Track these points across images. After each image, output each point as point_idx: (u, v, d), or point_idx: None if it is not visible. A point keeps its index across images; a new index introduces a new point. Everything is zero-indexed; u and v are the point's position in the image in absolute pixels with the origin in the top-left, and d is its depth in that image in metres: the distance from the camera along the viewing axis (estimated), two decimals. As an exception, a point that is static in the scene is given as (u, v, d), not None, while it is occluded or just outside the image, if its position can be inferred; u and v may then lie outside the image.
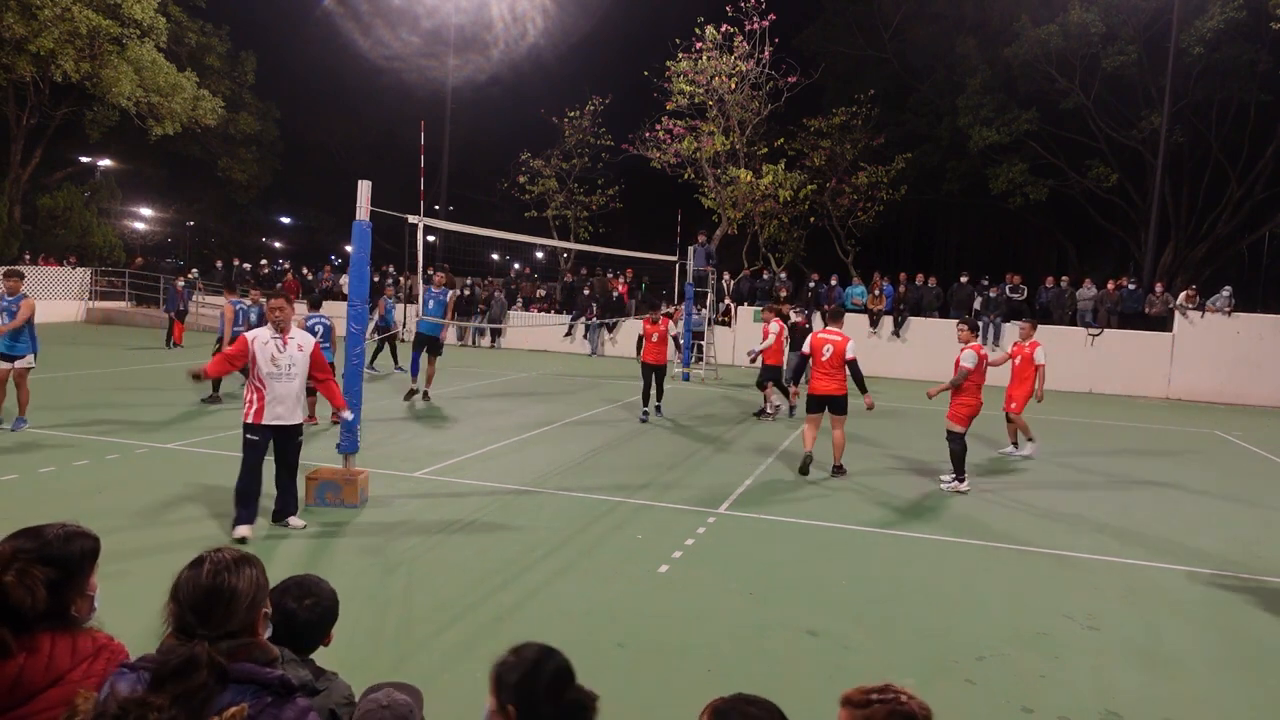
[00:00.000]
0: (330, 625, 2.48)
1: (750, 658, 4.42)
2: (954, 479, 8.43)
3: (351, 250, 7.10)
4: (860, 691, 1.81)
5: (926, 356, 19.64)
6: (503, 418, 11.42)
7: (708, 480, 8.36)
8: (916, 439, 11.35)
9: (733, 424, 11.99)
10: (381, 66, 34.13)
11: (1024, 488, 8.82)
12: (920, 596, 5.42)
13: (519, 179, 26.97)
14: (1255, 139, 25.38)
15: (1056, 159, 27.02)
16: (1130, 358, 18.33)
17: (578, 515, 6.88)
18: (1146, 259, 22.01)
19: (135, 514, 6.36)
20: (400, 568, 5.49)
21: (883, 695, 1.77)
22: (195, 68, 27.64)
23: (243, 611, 1.89)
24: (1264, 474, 10.30)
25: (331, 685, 2.27)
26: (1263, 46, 22.94)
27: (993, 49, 26.44)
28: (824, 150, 25.12)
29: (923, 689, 4.09)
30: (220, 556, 1.93)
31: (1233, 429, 13.82)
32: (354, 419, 6.76)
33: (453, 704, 3.75)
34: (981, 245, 37.31)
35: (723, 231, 23.64)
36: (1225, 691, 4.31)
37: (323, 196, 41.05)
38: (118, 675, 1.80)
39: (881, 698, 1.77)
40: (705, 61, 21.42)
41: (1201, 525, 7.61)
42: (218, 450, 8.62)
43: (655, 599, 5.16)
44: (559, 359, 20.49)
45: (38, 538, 2.05)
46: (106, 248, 29.21)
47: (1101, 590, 5.71)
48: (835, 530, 6.84)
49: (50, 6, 22.11)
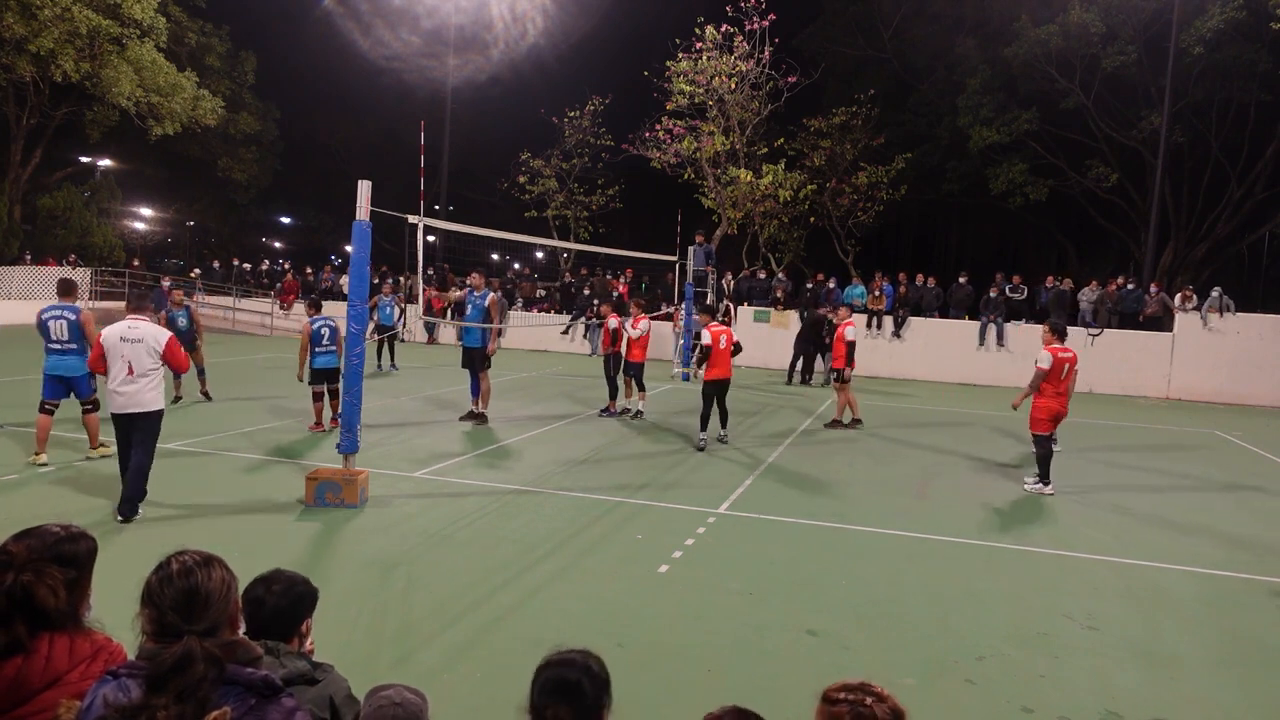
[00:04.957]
0: (302, 612, 2.41)
1: (750, 658, 4.42)
2: (1038, 481, 8.40)
3: (351, 250, 7.10)
4: (836, 688, 1.79)
5: (927, 356, 19.68)
6: (503, 418, 11.41)
7: (708, 480, 8.36)
8: (916, 438, 11.36)
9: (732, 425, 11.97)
10: (381, 66, 34.14)
11: (1024, 487, 8.80)
12: (920, 596, 5.42)
13: (519, 179, 26.97)
14: (1255, 139, 25.38)
15: (1056, 159, 27.03)
16: (1130, 358, 18.32)
17: (578, 515, 6.88)
18: (1146, 259, 22.01)
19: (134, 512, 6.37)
20: (400, 568, 5.49)
21: (851, 695, 1.75)
22: (195, 68, 27.65)
23: (218, 606, 1.90)
24: (1264, 474, 10.29)
25: (329, 676, 2.26)
26: (1263, 46, 22.93)
27: (993, 49, 26.45)
28: (824, 150, 25.13)
29: (923, 689, 4.11)
30: (185, 557, 1.95)
31: (1233, 429, 13.82)
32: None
33: (453, 704, 3.75)
34: (981, 245, 37.32)
35: (722, 231, 23.64)
36: (1225, 691, 4.31)
37: (323, 196, 41.09)
38: (101, 683, 1.79)
39: (849, 697, 1.75)
40: (705, 61, 21.41)
41: (1201, 525, 7.60)
42: (216, 451, 8.62)
43: (655, 599, 5.16)
44: (559, 359, 20.50)
45: (44, 538, 2.06)
46: (106, 248, 29.23)
47: (1101, 590, 5.70)
48: (835, 530, 6.84)
49: (50, 6, 22.10)
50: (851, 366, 11.79)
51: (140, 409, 6.26)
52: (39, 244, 27.86)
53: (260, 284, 26.53)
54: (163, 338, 6.36)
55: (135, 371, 6.22)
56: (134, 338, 6.26)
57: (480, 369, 11.06)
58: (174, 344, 6.44)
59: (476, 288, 11.26)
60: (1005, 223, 33.45)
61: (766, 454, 9.84)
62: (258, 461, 8.30)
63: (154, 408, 6.34)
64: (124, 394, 6.21)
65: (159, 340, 6.32)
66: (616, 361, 12.09)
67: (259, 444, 9.08)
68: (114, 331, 6.28)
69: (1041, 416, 8.31)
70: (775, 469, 9.09)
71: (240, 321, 25.26)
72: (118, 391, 6.21)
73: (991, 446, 11.13)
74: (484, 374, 11.08)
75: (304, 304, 10.78)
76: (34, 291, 24.70)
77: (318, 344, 10.02)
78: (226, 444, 8.99)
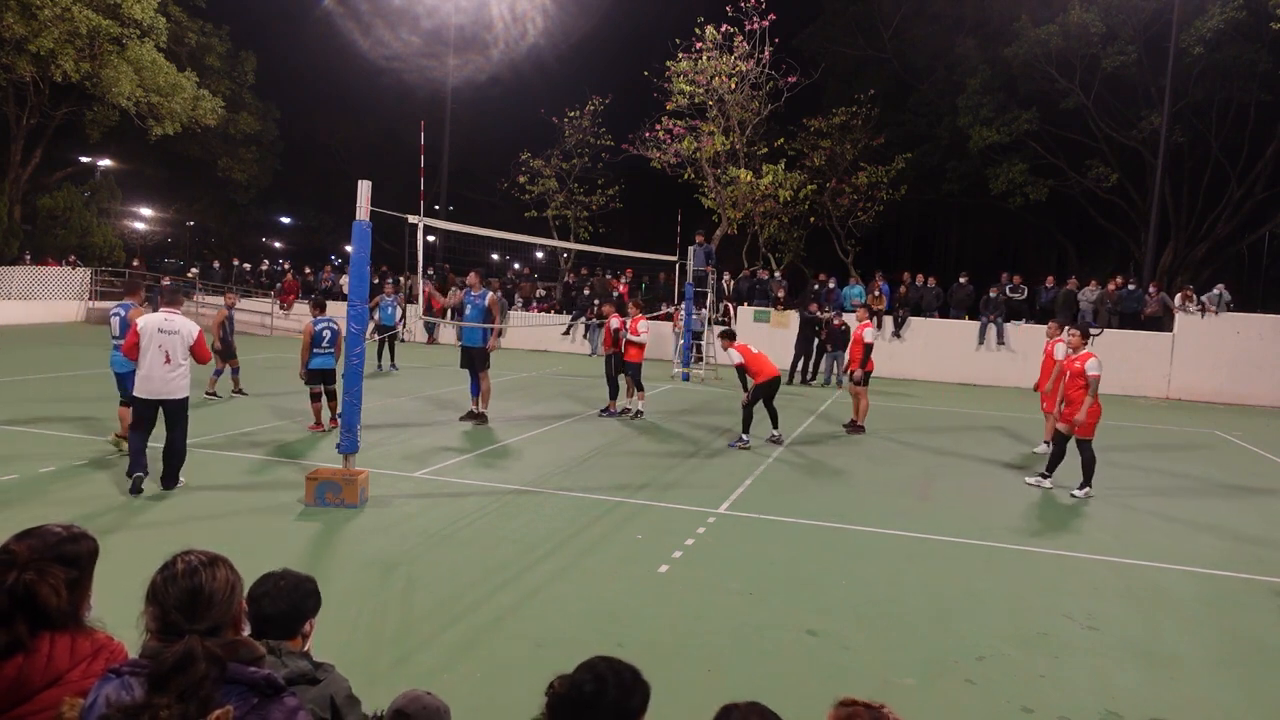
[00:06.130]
0: (306, 611, 2.43)
1: (750, 658, 4.42)
2: (1084, 487, 8.36)
3: (351, 250, 7.11)
4: (850, 700, 1.79)
5: (927, 356, 19.69)
6: (503, 418, 11.42)
7: (708, 480, 8.36)
8: (916, 439, 11.36)
9: (733, 424, 11.98)
10: (381, 66, 34.15)
11: (1024, 487, 8.81)
12: (920, 596, 5.42)
13: (519, 179, 26.97)
14: (1255, 139, 25.39)
15: (1056, 159, 27.03)
16: (1130, 358, 18.32)
17: (578, 515, 6.88)
18: (1146, 259, 22.02)
19: (133, 514, 6.37)
20: (400, 568, 5.49)
21: (855, 710, 1.75)
22: (195, 68, 27.64)
23: (221, 606, 1.91)
24: (1264, 474, 10.30)
25: (331, 676, 2.27)
26: (1263, 46, 22.94)
27: (993, 49, 26.46)
28: (824, 150, 25.13)
29: (923, 689, 4.12)
30: (190, 557, 1.96)
31: (1233, 429, 13.82)
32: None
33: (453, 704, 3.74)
34: (981, 245, 37.33)
35: (722, 231, 23.64)
36: (1225, 691, 4.31)
37: (323, 196, 41.09)
38: (103, 681, 1.79)
39: (850, 712, 1.75)
40: (705, 61, 21.41)
41: (1201, 525, 7.61)
42: (217, 451, 8.63)
43: (655, 599, 5.16)
44: (559, 359, 20.50)
45: (45, 538, 2.06)
46: (106, 248, 29.22)
47: (1101, 590, 5.71)
48: (835, 530, 6.84)
49: (50, 6, 22.10)
50: (869, 368, 11.50)
51: (171, 396, 6.78)
52: (39, 244, 27.85)
53: (260, 284, 26.53)
54: (194, 331, 6.90)
55: (172, 360, 6.74)
56: (171, 329, 6.77)
57: (480, 369, 11.03)
58: (202, 338, 6.99)
59: (474, 287, 11.20)
60: (1005, 223, 33.46)
61: (766, 454, 9.84)
62: (258, 461, 8.30)
63: (183, 394, 6.89)
64: (159, 380, 6.71)
65: (191, 334, 6.86)
66: (618, 362, 12.10)
67: (259, 444, 9.08)
68: (151, 322, 6.76)
69: (1093, 421, 8.28)
70: (775, 469, 9.09)
71: (240, 321, 25.17)
72: (152, 378, 6.70)
73: (992, 447, 11.14)
74: (484, 374, 11.06)
75: (307, 304, 10.81)
76: (34, 291, 24.70)
77: (318, 345, 10.03)
78: (227, 444, 8.99)
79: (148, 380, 6.70)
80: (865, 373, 11.47)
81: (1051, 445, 8.97)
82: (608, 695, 1.83)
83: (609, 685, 1.84)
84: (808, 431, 11.63)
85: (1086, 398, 8.16)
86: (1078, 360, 8.35)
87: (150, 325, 6.71)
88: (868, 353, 11.50)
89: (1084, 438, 8.31)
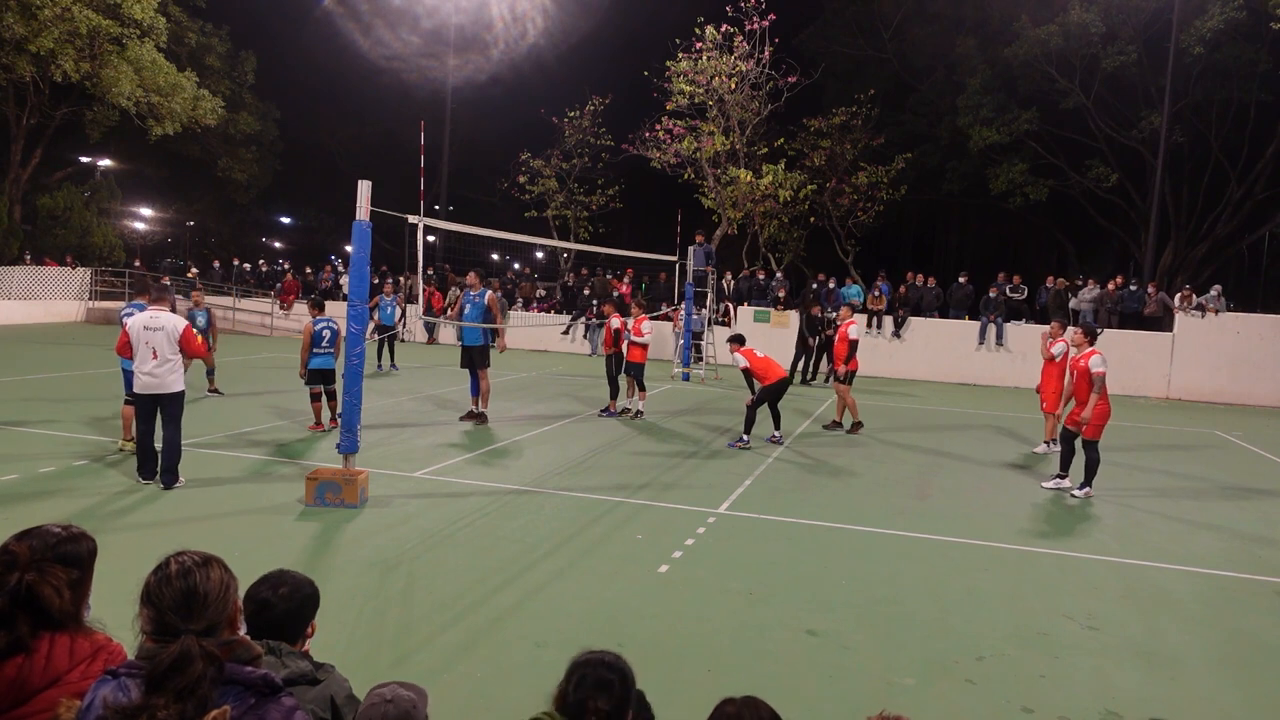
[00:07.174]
0: (309, 614, 2.44)
1: (750, 658, 4.42)
2: (1084, 487, 8.36)
3: (351, 250, 7.11)
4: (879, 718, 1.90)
5: (927, 356, 19.68)
6: (503, 418, 11.41)
7: (708, 480, 8.36)
8: (916, 439, 11.36)
9: (733, 424, 11.98)
10: (381, 66, 34.13)
11: (1024, 487, 8.81)
12: (920, 596, 5.42)
13: (519, 179, 26.97)
14: (1255, 139, 25.39)
15: (1056, 159, 27.03)
16: (1130, 358, 18.31)
17: (578, 515, 6.88)
18: (1146, 259, 22.02)
19: (132, 513, 6.36)
20: (400, 568, 5.49)
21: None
22: (195, 68, 27.62)
23: (216, 606, 1.91)
24: (1264, 474, 10.29)
25: (331, 676, 2.27)
26: (1263, 46, 22.94)
27: (993, 49, 26.46)
28: (824, 150, 25.12)
29: (923, 689, 4.12)
30: (184, 557, 1.96)
31: (1233, 429, 13.82)
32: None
33: (453, 704, 3.76)
34: (981, 245, 37.32)
35: (723, 231, 23.64)
36: (1225, 691, 4.31)
37: (323, 196, 41.06)
38: (100, 683, 1.79)
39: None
40: (705, 61, 21.41)
41: (1201, 525, 7.60)
42: (216, 451, 8.63)
43: (655, 599, 5.16)
44: (559, 359, 20.50)
45: (45, 538, 2.06)
46: (106, 248, 29.20)
47: (1101, 590, 5.70)
48: (835, 530, 6.84)
49: (50, 6, 22.09)
50: (853, 366, 11.56)
51: (164, 390, 6.98)
52: (39, 244, 27.83)
53: (260, 283, 26.52)
54: (180, 326, 7.02)
55: (159, 356, 6.93)
56: (156, 326, 6.96)
57: (480, 368, 11.03)
58: (189, 332, 7.08)
59: (473, 287, 11.19)
60: (1005, 223, 33.45)
61: (767, 454, 9.84)
62: (258, 461, 8.30)
63: (176, 389, 7.06)
64: (150, 376, 6.91)
65: (176, 328, 7.00)
66: (618, 362, 12.10)
67: (259, 444, 9.08)
68: (138, 321, 7.00)
69: (1100, 423, 8.28)
70: (775, 469, 9.08)
71: (240, 321, 25.25)
72: (143, 374, 6.92)
73: (992, 447, 11.13)
74: (484, 373, 11.06)
75: (307, 304, 10.83)
76: (33, 291, 24.69)
77: (317, 345, 10.03)
78: (226, 444, 8.99)
79: (141, 376, 6.96)
80: (850, 371, 11.50)
81: (1060, 445, 8.98)
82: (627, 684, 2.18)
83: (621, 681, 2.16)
84: (808, 431, 11.63)
85: (1092, 395, 8.17)
86: (1082, 359, 8.36)
87: (137, 324, 6.97)
88: (853, 350, 11.53)
89: (1090, 439, 8.32)
